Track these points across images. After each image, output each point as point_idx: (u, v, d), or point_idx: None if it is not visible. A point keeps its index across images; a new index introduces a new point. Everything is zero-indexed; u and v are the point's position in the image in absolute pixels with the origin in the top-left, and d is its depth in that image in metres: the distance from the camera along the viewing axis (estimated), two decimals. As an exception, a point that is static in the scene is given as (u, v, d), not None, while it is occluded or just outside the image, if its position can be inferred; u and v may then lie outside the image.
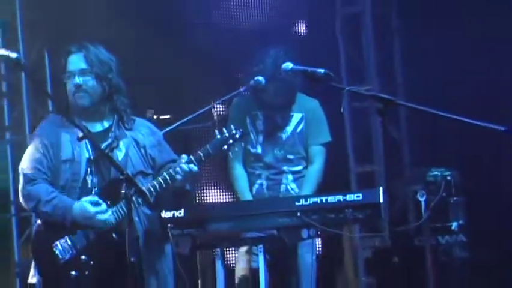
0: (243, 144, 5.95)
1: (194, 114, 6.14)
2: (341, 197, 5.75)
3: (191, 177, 5.41)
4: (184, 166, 5.33)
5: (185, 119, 6.10)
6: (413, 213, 7.33)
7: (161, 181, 5.32)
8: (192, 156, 5.39)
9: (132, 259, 5.15)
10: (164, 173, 5.36)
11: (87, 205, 5.23)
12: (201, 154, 5.42)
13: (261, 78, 6.25)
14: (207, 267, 6.14)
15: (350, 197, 5.75)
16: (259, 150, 6.46)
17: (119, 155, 5.39)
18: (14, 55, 5.41)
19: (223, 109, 6.85)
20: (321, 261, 6.44)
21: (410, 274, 7.01)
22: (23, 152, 7.76)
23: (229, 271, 6.19)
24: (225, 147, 5.49)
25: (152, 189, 5.32)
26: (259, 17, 7.59)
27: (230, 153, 5.74)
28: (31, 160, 5.39)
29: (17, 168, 7.76)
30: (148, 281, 5.41)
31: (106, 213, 5.23)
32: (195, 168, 5.38)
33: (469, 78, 7.40)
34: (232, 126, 5.54)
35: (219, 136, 5.49)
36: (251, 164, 6.48)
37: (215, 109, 6.35)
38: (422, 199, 6.38)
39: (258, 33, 7.42)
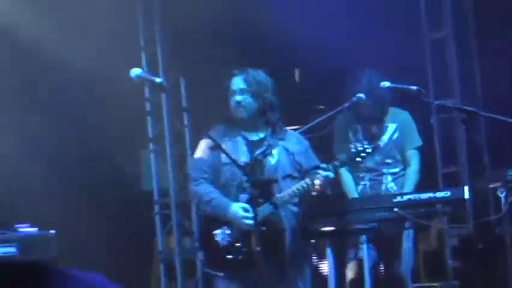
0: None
1: (307, 126, 6.14)
2: (431, 194, 5.74)
3: (329, 183, 5.44)
4: (323, 173, 5.36)
5: (299, 130, 6.10)
6: (493, 207, 7.21)
7: (304, 185, 5.37)
8: (329, 165, 5.43)
9: (258, 248, 5.20)
10: (306, 179, 5.40)
11: (239, 209, 5.32)
12: (337, 164, 5.46)
13: (361, 95, 6.23)
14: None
15: (439, 194, 5.73)
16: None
17: (272, 160, 5.46)
18: (158, 80, 5.53)
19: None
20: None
21: (491, 259, 6.91)
22: (164, 159, 7.94)
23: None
24: (359, 159, 5.51)
25: (296, 191, 5.37)
26: (355, 37, 7.53)
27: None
28: (197, 162, 5.54)
29: (159, 173, 7.94)
30: (289, 270, 5.45)
31: (250, 220, 5.28)
32: (331, 175, 5.42)
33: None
34: (365, 142, 5.56)
35: (354, 150, 5.51)
36: (356, 168, 6.46)
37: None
38: (501, 195, 6.25)
39: (355, 52, 7.37)
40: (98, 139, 7.74)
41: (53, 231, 6.32)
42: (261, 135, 5.54)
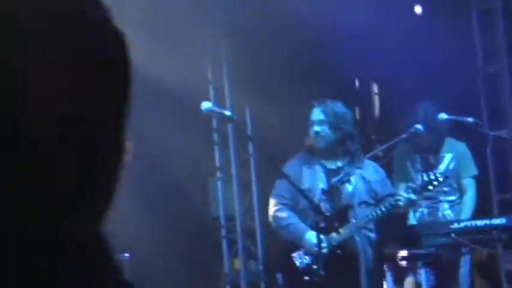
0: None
1: (367, 155, 6.19)
2: (487, 221, 5.76)
3: (410, 204, 5.53)
4: (404, 194, 5.45)
5: (368, 155, 6.15)
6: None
7: (386, 207, 5.46)
8: (409, 188, 5.53)
9: (321, 272, 5.27)
10: (389, 201, 5.49)
11: (313, 237, 5.41)
12: (414, 186, 5.56)
13: (419, 126, 6.28)
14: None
15: (495, 221, 5.76)
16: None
17: (349, 187, 5.57)
18: (228, 113, 5.67)
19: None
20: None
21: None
22: (231, 186, 8.04)
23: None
24: (431, 187, 5.60)
25: (371, 217, 5.46)
26: (412, 71, 7.57)
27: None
28: (278, 189, 5.64)
29: (226, 199, 8.05)
30: None
31: (324, 246, 5.38)
32: (413, 197, 5.50)
33: None
34: (436, 171, 5.64)
35: (426, 178, 5.59)
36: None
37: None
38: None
39: (412, 85, 7.41)
40: (167, 168, 7.87)
41: (126, 255, 6.43)
42: (339, 163, 5.65)
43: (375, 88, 8.30)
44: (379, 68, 7.66)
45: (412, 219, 6.44)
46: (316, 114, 5.69)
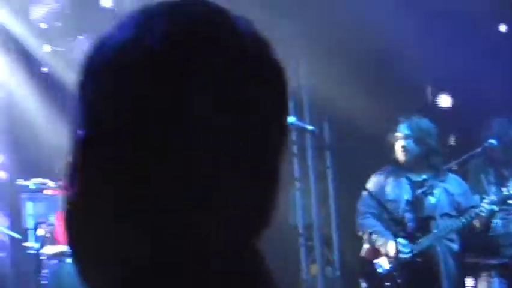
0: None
1: (447, 166, 6.29)
2: (562, 232, 5.80)
3: (492, 215, 5.65)
4: (486, 206, 5.57)
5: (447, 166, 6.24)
6: None
7: (467, 218, 5.59)
8: (491, 199, 5.66)
9: (398, 280, 5.43)
10: (470, 212, 5.62)
11: (394, 246, 5.57)
12: (495, 199, 5.66)
13: (493, 141, 6.38)
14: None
15: None
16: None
17: (432, 199, 5.71)
18: (310, 127, 5.88)
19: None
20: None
21: None
22: (308, 196, 8.23)
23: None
24: (510, 201, 5.71)
25: (460, 224, 5.60)
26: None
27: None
28: (364, 199, 5.83)
29: (304, 209, 8.24)
30: None
31: (405, 254, 5.53)
32: (496, 208, 5.62)
33: None
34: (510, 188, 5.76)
35: (507, 192, 5.72)
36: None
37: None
38: None
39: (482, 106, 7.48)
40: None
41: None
42: (424, 176, 5.79)
43: (450, 101, 8.39)
44: (455, 81, 7.74)
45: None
46: (402, 129, 5.86)
